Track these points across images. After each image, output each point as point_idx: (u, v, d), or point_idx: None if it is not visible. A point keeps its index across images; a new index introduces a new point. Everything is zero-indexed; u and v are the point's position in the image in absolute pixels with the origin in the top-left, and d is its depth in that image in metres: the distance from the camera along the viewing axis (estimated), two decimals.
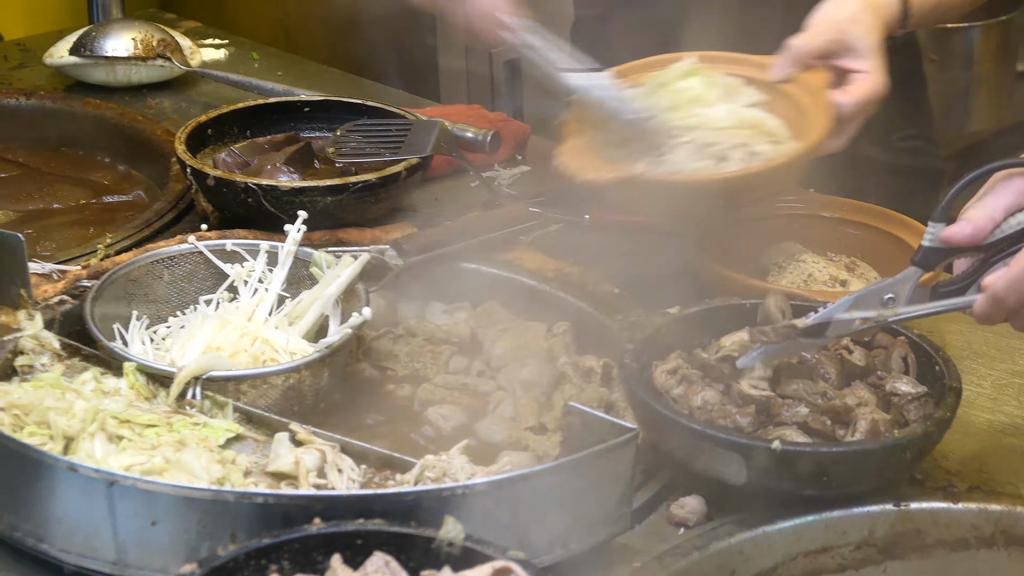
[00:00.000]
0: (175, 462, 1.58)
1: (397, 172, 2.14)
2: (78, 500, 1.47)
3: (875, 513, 1.61)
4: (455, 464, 1.58)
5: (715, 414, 1.63)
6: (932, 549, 1.63)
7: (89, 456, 1.58)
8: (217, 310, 1.90)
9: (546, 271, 2.05)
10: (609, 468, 1.52)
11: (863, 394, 1.65)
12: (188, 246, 1.96)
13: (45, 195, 2.40)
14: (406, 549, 1.41)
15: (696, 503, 1.62)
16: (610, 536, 1.55)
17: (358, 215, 2.13)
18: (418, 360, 1.93)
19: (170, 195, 2.25)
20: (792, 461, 1.56)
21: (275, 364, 1.79)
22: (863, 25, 1.96)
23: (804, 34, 1.96)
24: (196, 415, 1.71)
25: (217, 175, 2.13)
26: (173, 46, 2.69)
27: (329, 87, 2.67)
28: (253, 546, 1.39)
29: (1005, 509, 1.62)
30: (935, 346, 1.71)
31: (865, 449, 1.57)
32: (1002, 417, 1.81)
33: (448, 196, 2.31)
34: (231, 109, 2.34)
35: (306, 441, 1.64)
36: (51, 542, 1.50)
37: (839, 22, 1.96)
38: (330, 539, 1.41)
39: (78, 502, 1.47)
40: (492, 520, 1.46)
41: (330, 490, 1.56)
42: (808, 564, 1.60)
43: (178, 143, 2.20)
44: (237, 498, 1.45)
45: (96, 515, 1.46)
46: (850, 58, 1.95)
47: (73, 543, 1.49)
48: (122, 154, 2.50)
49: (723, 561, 1.57)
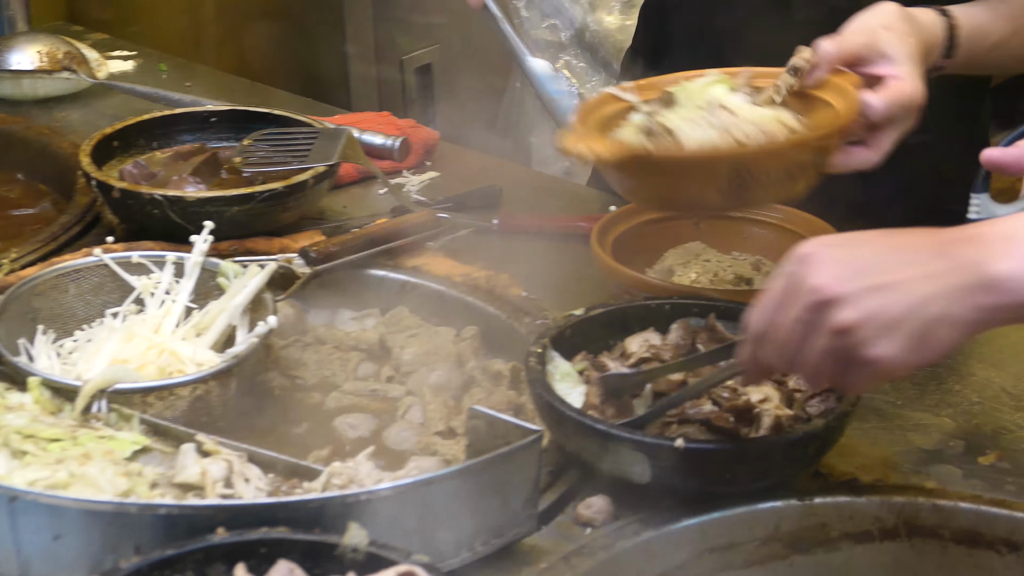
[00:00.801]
0: (80, 476, 1.58)
1: (304, 180, 2.14)
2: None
3: (780, 508, 1.63)
4: (362, 471, 1.59)
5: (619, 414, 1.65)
6: (837, 542, 1.64)
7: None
8: (124, 323, 1.89)
9: (454, 276, 2.06)
10: (514, 470, 1.53)
11: (766, 391, 1.67)
12: (94, 259, 1.95)
13: None
14: (311, 556, 1.41)
15: (602, 503, 1.63)
16: (516, 538, 1.56)
17: (266, 224, 2.13)
18: (327, 368, 1.94)
19: (76, 208, 2.24)
20: (696, 459, 1.57)
21: (182, 375, 1.80)
22: (898, 32, 1.88)
23: (835, 37, 1.87)
24: (102, 428, 1.70)
25: (122, 187, 2.12)
26: (80, 59, 2.68)
27: (238, 97, 2.66)
28: (156, 558, 1.39)
29: (907, 501, 1.63)
30: None
31: (768, 445, 1.59)
32: (904, 411, 1.83)
33: (356, 203, 2.31)
34: (137, 120, 2.33)
35: (213, 452, 1.64)
36: None
37: (873, 28, 1.87)
38: (234, 548, 1.41)
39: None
40: (397, 525, 1.47)
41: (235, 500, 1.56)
42: (715, 561, 1.62)
43: (83, 155, 2.19)
44: (140, 510, 1.44)
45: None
46: (883, 64, 1.86)
47: None
48: (28, 168, 2.49)
49: (630, 560, 1.57)
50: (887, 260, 1.39)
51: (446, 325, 2.01)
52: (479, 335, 1.97)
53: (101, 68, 2.73)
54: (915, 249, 1.40)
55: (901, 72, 1.84)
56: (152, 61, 2.87)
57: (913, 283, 1.37)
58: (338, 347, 1.97)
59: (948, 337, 1.39)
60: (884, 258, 1.39)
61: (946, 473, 1.70)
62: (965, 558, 1.63)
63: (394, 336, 1.99)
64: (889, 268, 1.38)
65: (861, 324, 1.37)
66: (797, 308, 1.40)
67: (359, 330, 2.01)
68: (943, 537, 1.63)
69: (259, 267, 1.90)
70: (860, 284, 1.38)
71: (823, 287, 1.38)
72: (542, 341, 1.72)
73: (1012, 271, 1.35)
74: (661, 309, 1.78)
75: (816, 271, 1.39)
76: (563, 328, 1.76)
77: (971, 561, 1.63)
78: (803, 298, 1.40)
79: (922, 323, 1.37)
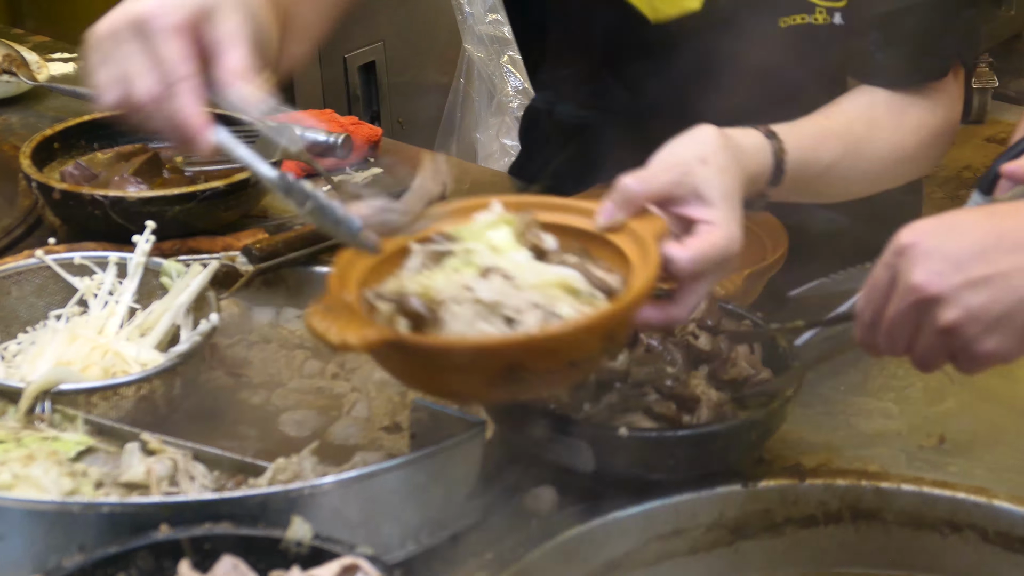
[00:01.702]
0: (24, 477, 1.57)
1: (246, 178, 2.14)
2: None
3: (724, 494, 1.64)
4: (306, 466, 1.59)
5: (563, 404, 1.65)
6: (782, 527, 1.66)
7: None
8: (67, 324, 1.89)
9: None
10: (458, 462, 1.54)
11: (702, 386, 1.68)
12: (35, 261, 1.94)
13: None
14: (255, 551, 1.42)
15: (547, 493, 1.63)
16: (462, 529, 1.57)
17: (209, 223, 2.13)
18: (272, 366, 1.93)
19: (18, 211, 2.23)
20: (639, 447, 1.59)
21: (126, 375, 1.79)
22: (714, 167, 1.60)
23: (641, 172, 1.60)
24: (46, 430, 1.69)
25: (63, 188, 2.12)
26: (19, 61, 2.68)
27: None
28: (99, 555, 1.39)
29: (850, 485, 1.65)
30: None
31: (711, 432, 1.60)
32: (848, 396, 1.85)
33: None
34: (78, 122, 2.32)
35: (158, 450, 1.63)
36: None
37: (687, 161, 1.60)
38: (177, 545, 1.41)
39: None
40: (341, 518, 1.48)
41: (179, 497, 1.56)
42: (660, 548, 1.63)
43: (23, 157, 2.19)
44: (83, 509, 1.44)
45: None
46: (696, 205, 1.58)
47: None
48: None
49: (574, 548, 1.59)
50: (987, 250, 1.38)
51: None
52: None
53: (41, 70, 2.72)
54: (1014, 236, 1.38)
55: (715, 217, 1.57)
56: None
57: (1014, 275, 1.37)
58: (283, 345, 1.97)
59: None
60: (983, 248, 1.38)
61: (889, 457, 1.72)
62: (909, 540, 1.65)
63: None
64: (989, 259, 1.37)
65: (965, 323, 1.38)
66: (901, 304, 1.41)
67: (304, 328, 2.01)
68: (886, 520, 1.65)
69: (202, 266, 1.90)
70: (960, 279, 1.38)
71: (923, 285, 1.38)
72: None
73: None
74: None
75: (916, 267, 1.39)
76: None
77: (914, 543, 1.64)
78: (905, 296, 1.40)
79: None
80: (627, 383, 1.67)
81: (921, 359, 1.45)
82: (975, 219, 1.42)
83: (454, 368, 1.46)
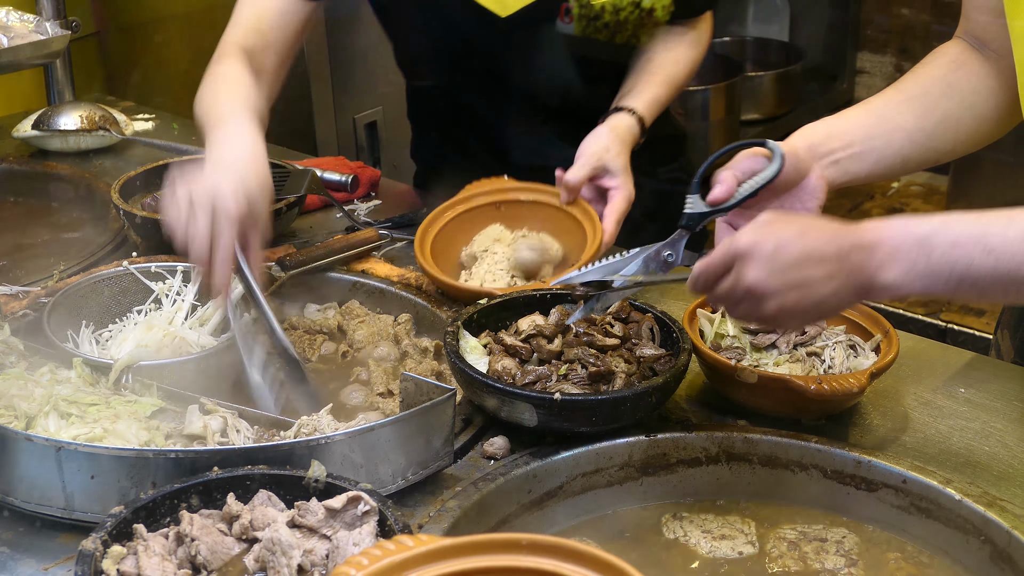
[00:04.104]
0: (112, 431, 1.56)
1: (279, 208, 2.12)
2: (34, 462, 1.44)
3: (632, 442, 1.63)
4: (323, 422, 1.58)
5: (514, 375, 1.64)
6: (675, 467, 1.64)
7: (44, 430, 1.55)
8: (145, 317, 1.88)
9: (393, 277, 2.04)
10: (435, 419, 1.53)
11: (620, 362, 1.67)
12: (122, 269, 1.93)
13: (15, 234, 2.34)
14: (284, 486, 1.41)
15: (502, 442, 1.62)
16: (438, 469, 1.56)
17: None
18: (298, 346, 1.91)
19: (109, 232, 2.21)
20: (569, 407, 1.57)
21: (189, 355, 1.78)
22: (614, 152, 2.00)
23: (574, 167, 2.00)
24: (128, 395, 1.68)
25: (143, 215, 2.09)
26: (111, 120, 2.64)
27: None
28: (167, 490, 1.38)
29: (725, 435, 1.64)
30: (672, 319, 1.73)
31: (622, 396, 1.59)
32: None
33: (319, 224, 2.29)
34: (154, 165, 2.30)
35: (212, 410, 1.62)
36: (15, 495, 1.47)
37: (597, 153, 2.00)
38: (226, 482, 1.40)
39: (35, 464, 1.44)
40: (349, 462, 1.46)
41: (228, 446, 1.55)
42: (585, 482, 1.61)
43: (113, 192, 2.17)
44: (155, 455, 1.43)
45: (48, 473, 1.44)
46: (607, 177, 2.01)
47: (32, 495, 1.46)
48: (74, 202, 2.45)
49: (522, 483, 1.57)
50: (802, 261, 1.40)
51: (387, 313, 1.99)
52: (411, 320, 1.96)
53: (128, 127, 2.69)
54: (823, 252, 1.41)
55: (618, 183, 2.00)
56: (167, 121, 2.82)
57: (820, 283, 1.41)
58: (306, 331, 1.95)
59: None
60: (800, 259, 1.41)
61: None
62: (768, 476, 1.64)
63: (348, 322, 1.97)
64: (803, 267, 1.40)
65: (778, 312, 1.43)
66: (734, 290, 1.43)
67: (322, 318, 1.99)
68: (752, 461, 1.64)
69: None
70: (782, 281, 1.41)
71: (756, 284, 1.41)
72: (456, 323, 1.72)
73: (894, 280, 1.40)
74: (544, 298, 1.78)
75: (751, 269, 1.41)
76: (471, 313, 1.75)
77: (772, 478, 1.63)
78: (739, 285, 1.43)
79: (822, 311, 1.45)
80: (560, 360, 1.66)
81: (732, 314, 1.48)
82: (792, 236, 1.42)
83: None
